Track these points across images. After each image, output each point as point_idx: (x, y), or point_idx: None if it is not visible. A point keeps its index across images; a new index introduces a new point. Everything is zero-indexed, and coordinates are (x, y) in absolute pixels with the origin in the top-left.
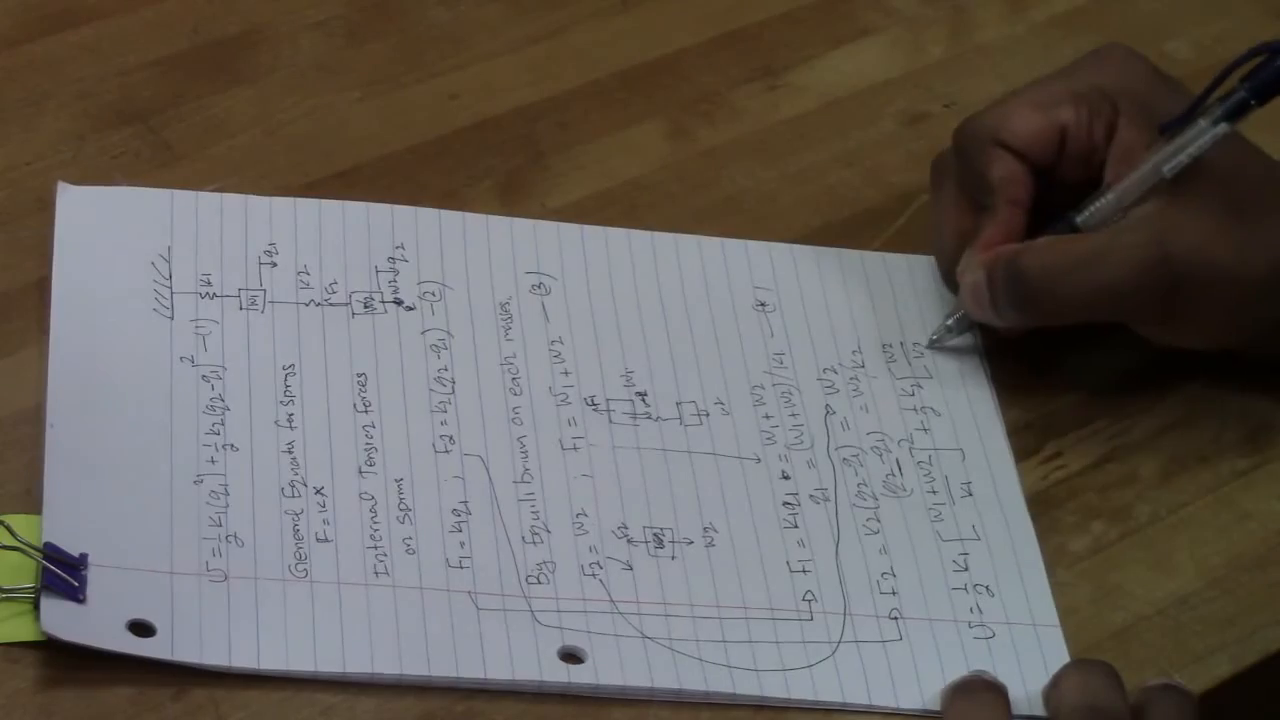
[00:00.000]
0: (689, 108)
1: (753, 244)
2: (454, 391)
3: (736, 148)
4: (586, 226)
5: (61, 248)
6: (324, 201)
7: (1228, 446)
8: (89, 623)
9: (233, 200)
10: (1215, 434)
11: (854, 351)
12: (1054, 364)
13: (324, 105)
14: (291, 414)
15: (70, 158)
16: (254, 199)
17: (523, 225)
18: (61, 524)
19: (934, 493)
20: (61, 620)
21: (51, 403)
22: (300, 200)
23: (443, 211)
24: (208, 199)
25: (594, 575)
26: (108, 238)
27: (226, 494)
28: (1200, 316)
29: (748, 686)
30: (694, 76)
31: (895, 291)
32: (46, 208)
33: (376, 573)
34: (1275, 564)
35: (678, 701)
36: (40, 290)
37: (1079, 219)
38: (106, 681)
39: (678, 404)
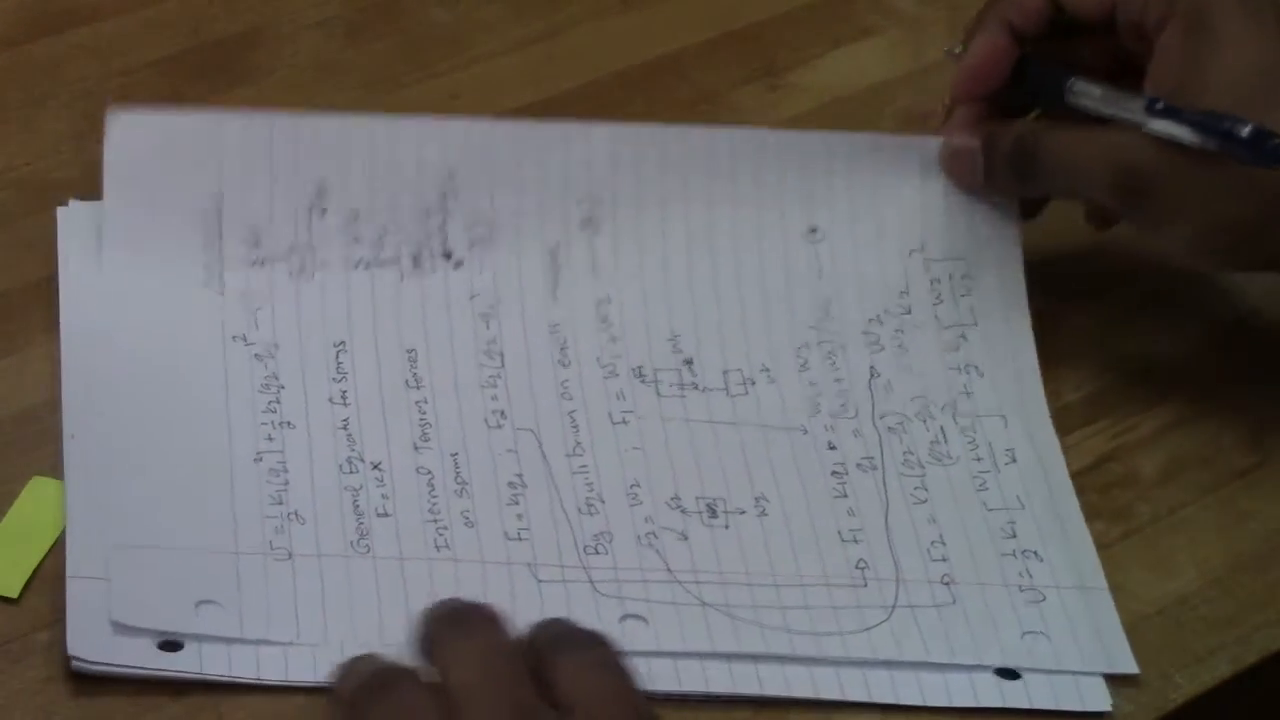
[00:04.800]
0: (689, 108)
1: (811, 134)
2: (503, 365)
3: None
4: (644, 127)
5: (111, 183)
6: (375, 124)
7: (1228, 446)
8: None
9: (283, 124)
10: (1215, 434)
11: (902, 293)
12: (1054, 364)
13: (324, 105)
14: (345, 391)
15: (70, 158)
16: (304, 121)
17: (577, 132)
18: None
19: (979, 459)
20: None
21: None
22: (352, 119)
23: (498, 123)
24: (257, 126)
25: (650, 545)
26: (157, 186)
27: (286, 471)
28: (1189, 235)
29: (806, 649)
30: (694, 76)
31: (948, 197)
32: (47, 207)
33: (438, 546)
34: (1275, 564)
35: (682, 699)
36: (41, 290)
37: (1073, 99)
38: (107, 681)
39: (724, 372)
